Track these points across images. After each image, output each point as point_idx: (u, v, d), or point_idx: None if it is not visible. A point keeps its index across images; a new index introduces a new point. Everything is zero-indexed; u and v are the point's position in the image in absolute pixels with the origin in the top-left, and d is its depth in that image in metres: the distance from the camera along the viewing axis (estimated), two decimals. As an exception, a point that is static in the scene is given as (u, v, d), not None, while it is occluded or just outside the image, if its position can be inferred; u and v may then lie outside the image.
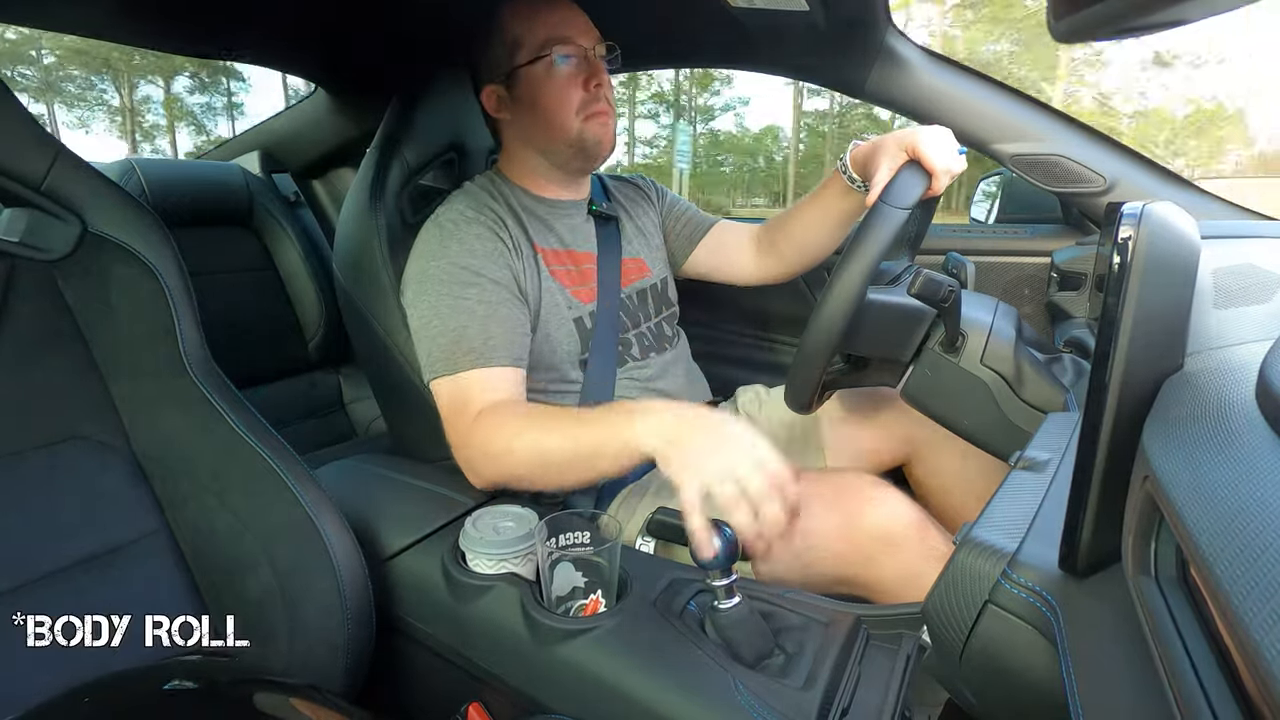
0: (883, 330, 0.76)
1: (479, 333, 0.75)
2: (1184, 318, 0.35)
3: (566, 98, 0.81)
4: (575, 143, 0.83)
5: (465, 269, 0.77)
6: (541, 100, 0.82)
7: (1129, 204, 0.34)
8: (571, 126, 0.82)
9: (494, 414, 0.72)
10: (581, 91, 0.81)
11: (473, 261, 0.77)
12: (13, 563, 0.57)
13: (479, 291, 0.77)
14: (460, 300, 0.76)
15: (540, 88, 0.81)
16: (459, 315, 0.75)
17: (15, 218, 0.66)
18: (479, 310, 0.76)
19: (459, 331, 0.75)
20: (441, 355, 0.75)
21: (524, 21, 0.81)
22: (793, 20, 0.94)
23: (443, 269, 0.77)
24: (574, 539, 0.61)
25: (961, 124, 1.00)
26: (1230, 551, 0.23)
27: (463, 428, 0.73)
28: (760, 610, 0.58)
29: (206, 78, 28.85)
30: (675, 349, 0.97)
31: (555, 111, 0.82)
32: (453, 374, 0.74)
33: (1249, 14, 1.06)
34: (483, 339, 0.75)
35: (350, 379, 1.62)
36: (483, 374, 0.74)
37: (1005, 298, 0.96)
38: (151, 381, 0.68)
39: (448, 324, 0.75)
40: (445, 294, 0.76)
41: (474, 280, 0.77)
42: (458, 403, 0.74)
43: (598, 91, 0.82)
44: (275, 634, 0.62)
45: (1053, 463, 0.50)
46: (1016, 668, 0.39)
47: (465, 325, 0.75)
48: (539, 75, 0.81)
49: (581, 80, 0.81)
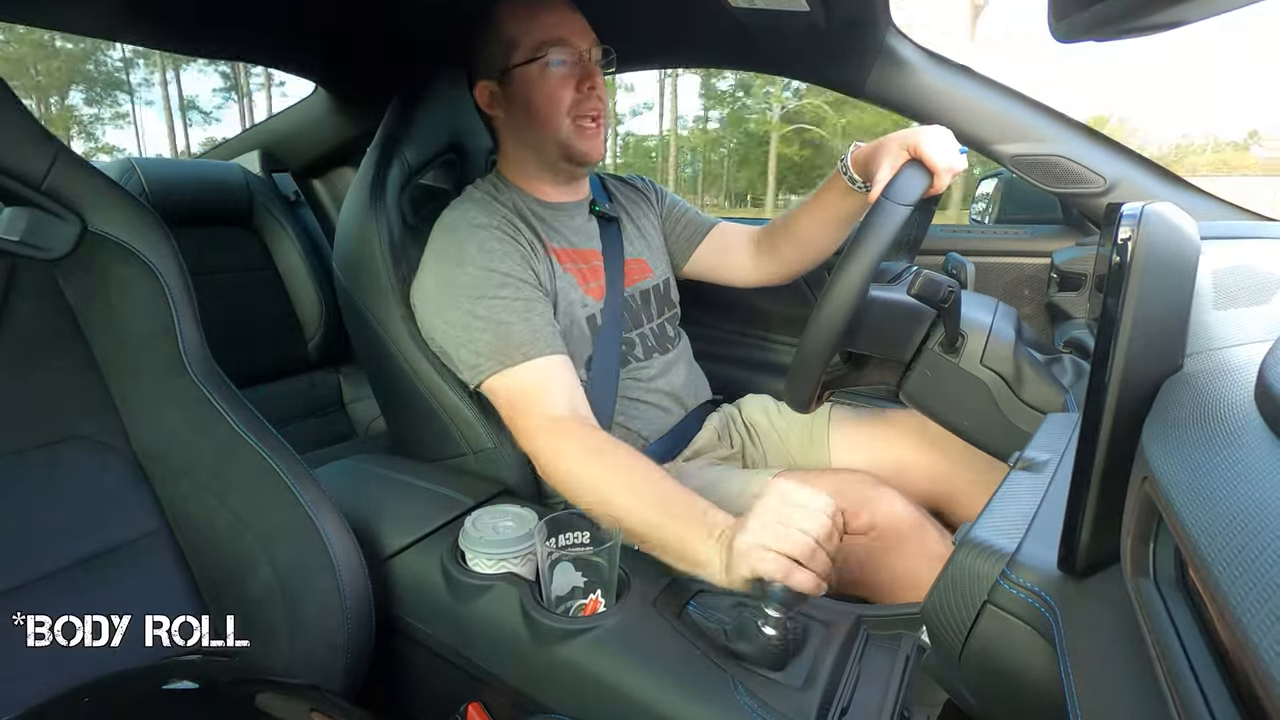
0: (883, 329, 0.76)
1: (524, 328, 0.76)
2: (1184, 318, 0.35)
3: (558, 98, 0.81)
4: (563, 145, 0.83)
5: (493, 271, 0.77)
6: (534, 100, 0.82)
7: (1129, 204, 0.34)
8: (561, 126, 0.82)
9: (560, 433, 0.70)
10: (574, 93, 0.82)
11: (499, 264, 0.78)
12: (13, 563, 0.57)
13: (513, 290, 0.77)
14: (497, 300, 0.76)
15: (534, 88, 0.81)
16: (500, 313, 0.76)
17: (15, 217, 0.66)
18: (518, 307, 0.76)
19: (505, 328, 0.75)
20: (490, 353, 0.75)
21: (521, 22, 0.81)
22: (793, 20, 0.94)
23: (470, 275, 0.77)
24: (574, 539, 0.61)
25: (962, 124, 1.00)
26: (1229, 552, 0.23)
27: (528, 428, 0.73)
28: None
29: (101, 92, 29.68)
30: (677, 349, 0.97)
31: (546, 111, 0.82)
32: (507, 369, 0.75)
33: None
34: (530, 332, 0.75)
35: (350, 379, 1.62)
36: (537, 365, 0.74)
37: (1005, 298, 0.96)
38: (151, 381, 0.68)
39: (491, 324, 0.76)
40: (480, 297, 0.76)
41: (505, 281, 0.77)
42: (518, 399, 0.74)
43: (590, 94, 0.82)
44: (275, 634, 0.62)
45: (1052, 463, 0.50)
46: (1015, 668, 0.39)
47: (509, 322, 0.75)
48: (533, 75, 0.81)
49: (574, 82, 0.82)
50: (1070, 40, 0.34)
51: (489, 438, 0.82)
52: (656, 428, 0.90)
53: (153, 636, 0.60)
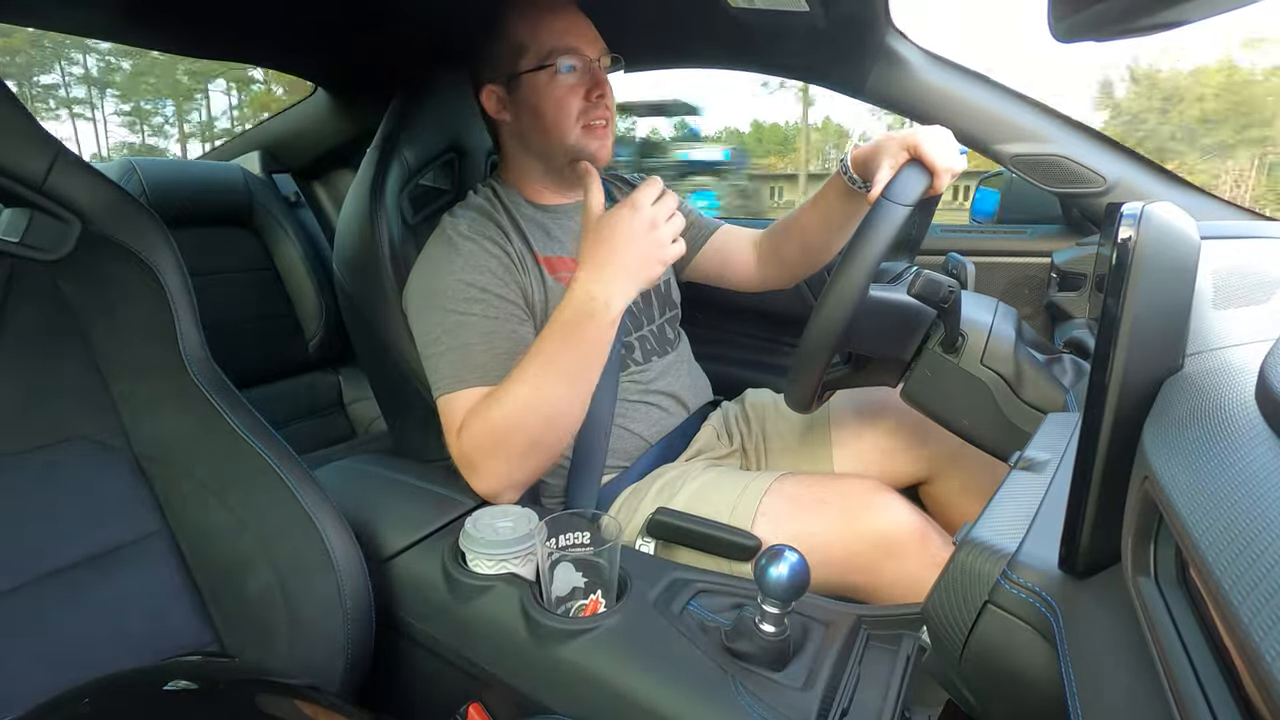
0: (884, 329, 0.76)
1: (484, 350, 0.75)
2: (1184, 318, 0.35)
3: (567, 106, 0.81)
4: (571, 151, 0.83)
5: (470, 285, 0.77)
6: (542, 107, 0.81)
7: (1129, 204, 0.34)
8: (569, 134, 0.82)
9: (473, 414, 0.72)
10: (582, 101, 0.81)
11: (478, 278, 0.77)
12: (13, 563, 0.57)
13: (484, 308, 0.77)
14: (466, 317, 0.76)
15: (542, 95, 0.81)
16: (464, 332, 0.76)
17: (15, 218, 0.66)
18: (483, 326, 0.76)
19: (464, 349, 0.75)
20: (448, 373, 0.75)
21: (529, 27, 0.80)
22: (793, 20, 0.94)
23: (448, 286, 0.77)
24: (574, 539, 0.61)
25: (962, 124, 1.00)
26: (1230, 553, 0.23)
27: (452, 443, 0.74)
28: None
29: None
30: (676, 351, 0.97)
31: (554, 119, 0.81)
32: (457, 391, 0.74)
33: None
34: (488, 356, 0.75)
35: (350, 379, 1.62)
36: (485, 392, 0.74)
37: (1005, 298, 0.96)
38: (151, 381, 0.68)
39: (454, 341, 0.75)
40: (451, 310, 0.76)
41: (480, 297, 0.77)
42: (460, 416, 0.74)
43: (599, 102, 0.81)
44: (275, 634, 0.62)
45: (1052, 463, 0.50)
46: (1016, 668, 0.39)
47: (470, 343, 0.75)
48: (541, 83, 0.80)
49: (583, 91, 0.81)
50: (1070, 40, 0.34)
51: (489, 438, 0.82)
52: (657, 429, 0.90)
53: (153, 637, 0.60)
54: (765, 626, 0.55)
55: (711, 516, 0.75)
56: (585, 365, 0.70)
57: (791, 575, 0.53)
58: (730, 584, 0.66)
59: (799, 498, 0.76)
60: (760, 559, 0.54)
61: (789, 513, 0.74)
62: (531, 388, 0.69)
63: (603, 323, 0.68)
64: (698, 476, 0.82)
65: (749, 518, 0.74)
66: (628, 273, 0.68)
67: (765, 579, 0.53)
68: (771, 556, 0.53)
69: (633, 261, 0.68)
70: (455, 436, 0.74)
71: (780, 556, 0.53)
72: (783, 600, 0.54)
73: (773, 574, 0.53)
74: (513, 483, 0.74)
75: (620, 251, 0.68)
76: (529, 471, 0.73)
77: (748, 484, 0.78)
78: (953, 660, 0.42)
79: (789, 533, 0.72)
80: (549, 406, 0.69)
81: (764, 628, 0.55)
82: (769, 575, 0.53)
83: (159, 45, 1.20)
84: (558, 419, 0.71)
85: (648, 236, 0.68)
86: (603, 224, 0.69)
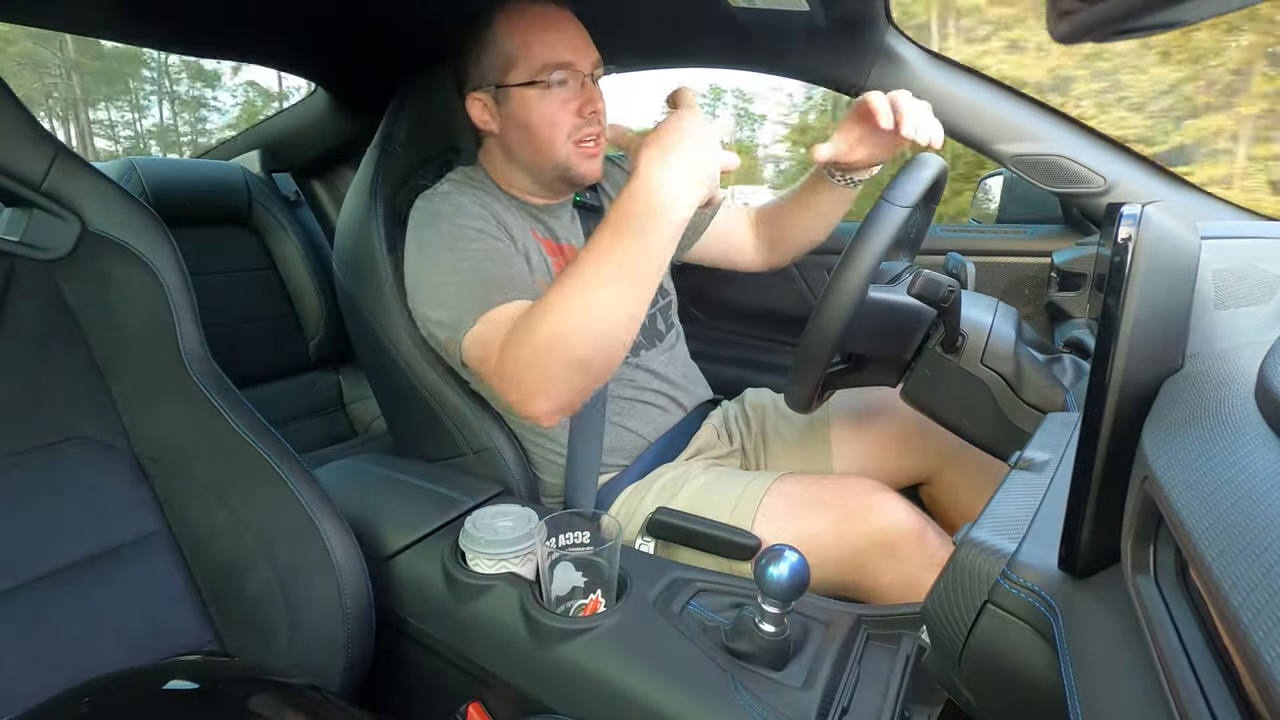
0: (883, 329, 0.76)
1: (501, 270, 0.73)
2: (1184, 318, 0.35)
3: (558, 123, 0.78)
4: (560, 168, 0.81)
5: (465, 227, 0.75)
6: (532, 122, 0.79)
7: (1129, 204, 0.34)
8: (559, 151, 0.80)
9: (512, 329, 0.66)
10: (574, 118, 0.79)
11: (470, 222, 0.76)
12: (13, 563, 0.57)
13: (484, 243, 0.75)
14: (468, 252, 0.74)
15: (532, 110, 0.78)
16: (476, 262, 0.73)
17: (15, 217, 0.66)
18: (491, 252, 0.74)
19: (481, 274, 0.72)
20: (469, 302, 0.71)
21: (519, 38, 0.77)
22: (793, 20, 0.94)
23: (442, 232, 0.75)
24: (574, 539, 0.61)
25: (961, 124, 1.00)
26: (1229, 553, 0.23)
27: (496, 363, 0.68)
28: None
29: None
30: (666, 343, 0.95)
31: (545, 137, 0.79)
32: (484, 313, 0.70)
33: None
34: (507, 276, 0.72)
35: (350, 379, 1.62)
36: (515, 307, 0.69)
37: (1005, 298, 0.96)
38: (151, 381, 0.68)
39: (468, 275, 0.72)
40: (451, 250, 0.74)
41: (477, 235, 0.75)
42: (489, 339, 0.69)
43: (592, 118, 0.80)
44: (275, 633, 0.62)
45: (1052, 463, 0.50)
46: (1016, 668, 0.39)
47: (484, 267, 0.72)
48: (531, 98, 0.78)
49: (576, 106, 0.79)
50: (1070, 40, 0.34)
51: (489, 438, 0.82)
52: (655, 427, 0.90)
53: (153, 636, 0.60)
54: (765, 626, 0.55)
55: (711, 516, 0.75)
56: (641, 272, 0.62)
57: (791, 575, 0.53)
58: (730, 583, 0.66)
59: (799, 498, 0.76)
60: (760, 559, 0.54)
61: (789, 512, 0.75)
62: (578, 294, 0.62)
63: (665, 220, 0.60)
64: (698, 476, 0.82)
65: (749, 517, 0.74)
66: (695, 169, 0.60)
67: (765, 579, 0.53)
68: (771, 556, 0.53)
69: (701, 158, 0.60)
70: (495, 358, 0.67)
71: (780, 556, 0.53)
72: (782, 600, 0.54)
73: (772, 574, 0.53)
74: (559, 403, 0.66)
75: (689, 148, 0.59)
76: (576, 390, 0.66)
77: (748, 484, 0.78)
78: (952, 660, 0.42)
79: (789, 532, 0.72)
80: (598, 318, 0.62)
81: (764, 627, 0.55)
82: (769, 575, 0.53)
83: (159, 44, 1.20)
84: (606, 337, 0.63)
85: (710, 136, 0.61)
86: (666, 123, 0.61)
